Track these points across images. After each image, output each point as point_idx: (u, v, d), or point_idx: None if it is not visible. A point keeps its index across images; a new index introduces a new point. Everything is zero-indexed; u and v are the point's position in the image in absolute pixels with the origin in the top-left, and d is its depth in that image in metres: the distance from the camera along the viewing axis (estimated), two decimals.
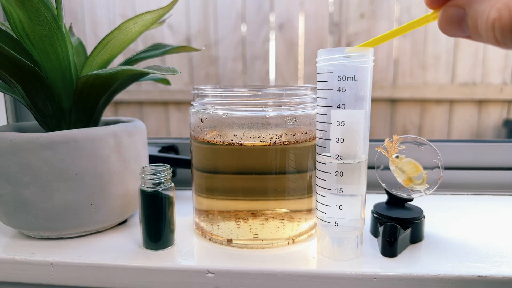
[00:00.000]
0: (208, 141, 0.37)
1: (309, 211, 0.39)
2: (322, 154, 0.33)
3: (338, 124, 0.31)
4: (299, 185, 0.38)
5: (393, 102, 0.92)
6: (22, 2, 0.33)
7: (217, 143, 0.36)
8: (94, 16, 0.89)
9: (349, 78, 0.30)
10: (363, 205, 0.34)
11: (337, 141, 0.31)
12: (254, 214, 0.37)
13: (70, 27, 0.49)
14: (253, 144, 0.36)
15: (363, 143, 0.32)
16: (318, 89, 0.32)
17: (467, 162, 0.57)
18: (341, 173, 0.32)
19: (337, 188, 0.32)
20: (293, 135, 0.37)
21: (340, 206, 0.33)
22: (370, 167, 0.58)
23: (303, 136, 0.37)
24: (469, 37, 0.21)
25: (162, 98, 0.95)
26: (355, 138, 0.31)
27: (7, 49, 0.32)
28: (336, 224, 0.33)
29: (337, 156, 0.32)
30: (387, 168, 0.40)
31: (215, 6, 0.87)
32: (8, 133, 0.36)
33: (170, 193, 0.37)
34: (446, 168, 0.57)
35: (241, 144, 0.36)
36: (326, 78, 0.31)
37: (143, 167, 0.36)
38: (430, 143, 0.38)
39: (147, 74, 0.41)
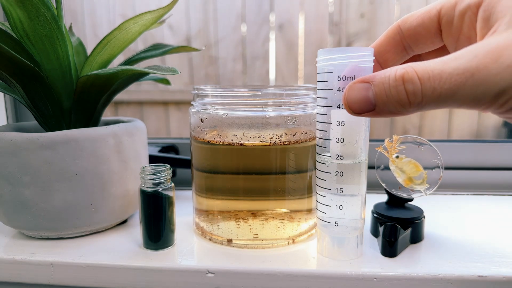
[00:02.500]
0: (208, 141, 0.37)
1: (309, 211, 0.39)
2: (322, 154, 0.33)
3: (338, 124, 0.31)
4: (299, 185, 0.38)
5: None
6: (22, 2, 0.33)
7: (217, 143, 0.36)
8: (94, 16, 0.89)
9: (349, 78, 0.30)
10: (363, 205, 0.34)
11: (337, 141, 0.31)
12: (254, 214, 0.37)
13: (70, 27, 0.49)
14: (253, 144, 0.36)
15: (363, 143, 0.32)
16: (318, 89, 0.32)
17: (467, 162, 0.57)
18: (341, 173, 0.32)
19: (337, 188, 0.32)
20: (293, 135, 0.37)
21: (340, 206, 0.33)
22: (370, 167, 0.58)
23: (303, 136, 0.37)
24: (373, 112, 0.23)
25: (162, 98, 0.95)
26: (355, 138, 0.31)
27: (7, 49, 0.32)
28: (336, 224, 0.33)
29: (337, 156, 0.32)
30: (387, 168, 0.40)
31: (215, 6, 0.87)
32: (8, 133, 0.36)
33: (170, 193, 0.37)
34: (446, 168, 0.57)
35: (241, 144, 0.36)
36: (326, 78, 0.31)
37: (143, 167, 0.36)
38: (430, 143, 0.38)
39: (147, 74, 0.41)
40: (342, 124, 0.31)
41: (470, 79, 0.19)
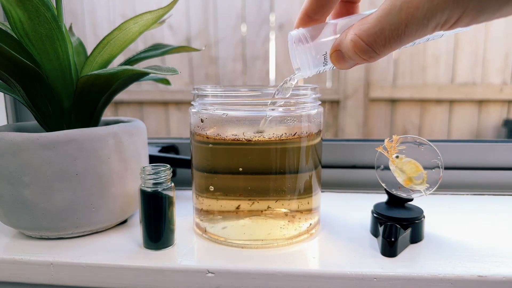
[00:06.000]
0: (208, 141, 0.37)
1: (309, 211, 0.39)
2: None
3: None
4: (299, 185, 0.38)
5: (393, 102, 0.93)
6: (22, 2, 0.33)
7: (217, 142, 0.36)
8: (94, 16, 0.89)
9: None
10: None
11: None
12: (254, 214, 0.37)
13: (70, 27, 0.49)
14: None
15: None
16: None
17: (467, 162, 0.57)
18: None
19: None
20: (293, 135, 0.37)
21: None
22: (370, 167, 0.58)
23: (303, 136, 0.37)
24: (356, 64, 0.28)
25: (162, 98, 0.95)
26: None
27: (7, 49, 0.32)
28: None
29: None
30: (387, 168, 0.40)
31: (215, 6, 0.87)
32: (8, 133, 0.36)
33: (170, 193, 0.37)
34: (446, 168, 0.57)
35: (241, 144, 0.36)
36: None
37: (143, 167, 0.36)
38: (430, 143, 0.38)
39: (147, 74, 0.41)
40: None
41: (406, 29, 0.23)
